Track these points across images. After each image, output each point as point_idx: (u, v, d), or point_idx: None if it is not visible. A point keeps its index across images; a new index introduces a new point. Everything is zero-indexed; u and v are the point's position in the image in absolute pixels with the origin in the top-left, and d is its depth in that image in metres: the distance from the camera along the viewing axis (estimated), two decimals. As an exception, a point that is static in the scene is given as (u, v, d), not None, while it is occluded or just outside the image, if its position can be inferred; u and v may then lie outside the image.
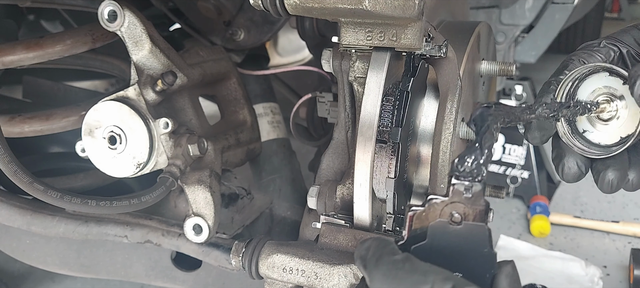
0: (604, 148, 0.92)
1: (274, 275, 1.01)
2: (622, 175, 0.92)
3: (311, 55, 1.57)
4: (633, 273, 2.16)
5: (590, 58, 0.94)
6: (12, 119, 1.32)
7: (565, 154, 0.96)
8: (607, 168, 0.91)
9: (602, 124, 0.92)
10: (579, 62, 0.94)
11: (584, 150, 0.94)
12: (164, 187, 1.15)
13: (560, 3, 2.42)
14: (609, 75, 0.89)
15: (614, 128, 0.91)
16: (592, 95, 0.92)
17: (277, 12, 0.92)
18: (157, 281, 1.37)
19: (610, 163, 0.92)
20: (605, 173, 0.91)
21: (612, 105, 0.90)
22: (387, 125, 0.93)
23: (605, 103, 0.90)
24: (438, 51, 0.95)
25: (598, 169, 0.93)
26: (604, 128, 0.92)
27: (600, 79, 0.91)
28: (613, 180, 0.91)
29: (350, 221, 1.01)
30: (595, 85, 0.91)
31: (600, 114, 0.91)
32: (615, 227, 2.58)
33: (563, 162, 0.96)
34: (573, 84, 0.93)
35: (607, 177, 0.91)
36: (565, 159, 0.95)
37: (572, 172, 0.95)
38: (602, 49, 0.94)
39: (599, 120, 0.92)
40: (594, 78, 0.91)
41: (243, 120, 1.44)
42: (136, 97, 1.13)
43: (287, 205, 1.50)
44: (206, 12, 1.54)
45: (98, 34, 1.24)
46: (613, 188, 0.92)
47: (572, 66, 0.94)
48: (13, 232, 1.40)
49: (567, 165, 0.95)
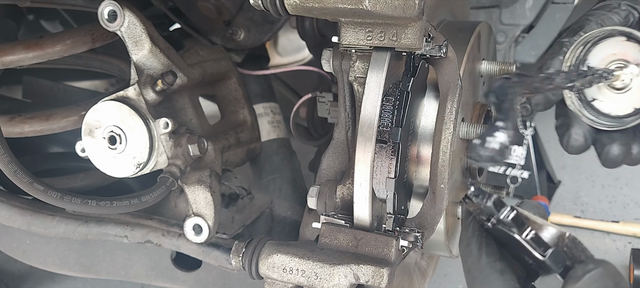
0: (614, 119, 0.85)
1: (274, 275, 1.01)
2: (627, 150, 0.86)
3: (311, 55, 1.57)
4: (633, 273, 2.16)
5: (608, 19, 0.87)
6: (12, 119, 1.31)
7: (572, 124, 0.89)
8: (613, 142, 0.86)
9: (613, 92, 0.85)
10: (596, 23, 0.87)
11: (592, 121, 0.87)
12: (164, 187, 1.15)
13: (560, 3, 2.41)
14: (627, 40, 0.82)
15: (626, 97, 0.84)
16: (603, 61, 0.85)
17: (277, 12, 0.92)
18: (157, 281, 1.37)
19: (617, 137, 0.86)
20: (610, 148, 0.86)
21: (625, 73, 0.83)
22: (387, 125, 0.93)
23: (619, 70, 0.83)
24: (438, 51, 0.95)
25: (603, 142, 0.87)
26: (615, 97, 0.85)
27: (615, 43, 0.84)
28: (618, 156, 0.86)
29: (350, 221, 1.01)
30: (609, 50, 0.84)
31: (613, 82, 0.84)
32: (615, 227, 2.57)
33: (570, 132, 0.89)
34: (585, 47, 0.86)
35: (612, 151, 0.85)
36: (572, 129, 0.89)
37: (577, 143, 0.89)
38: (622, 10, 0.87)
39: (610, 89, 0.85)
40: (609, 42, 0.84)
41: (243, 120, 1.44)
42: (136, 97, 1.13)
43: (287, 205, 1.50)
44: (206, 11, 1.54)
45: (98, 34, 1.24)
46: (616, 163, 0.87)
47: (588, 27, 0.87)
48: (13, 232, 1.40)
49: (574, 136, 0.88)
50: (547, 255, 0.81)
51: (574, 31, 0.89)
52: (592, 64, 0.85)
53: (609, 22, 0.87)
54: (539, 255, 0.82)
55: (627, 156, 0.86)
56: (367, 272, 0.93)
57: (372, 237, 0.98)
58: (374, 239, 0.97)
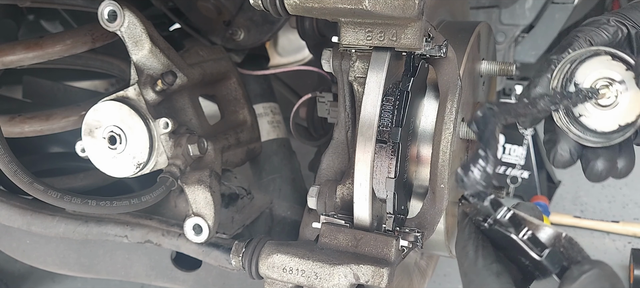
0: (600, 135, 0.87)
1: (274, 275, 1.01)
2: (612, 165, 0.88)
3: (311, 55, 1.57)
4: (633, 273, 2.16)
5: (596, 36, 0.88)
6: (12, 119, 1.31)
7: (559, 139, 0.91)
8: (597, 158, 0.88)
9: (599, 109, 0.86)
10: (585, 40, 0.88)
11: (579, 137, 0.88)
12: (164, 187, 1.15)
13: (560, 3, 2.42)
14: (612, 59, 0.84)
15: (612, 114, 0.86)
16: (590, 78, 0.86)
17: (277, 12, 0.92)
18: (157, 281, 1.37)
19: (601, 153, 0.88)
20: (594, 163, 0.88)
21: (611, 91, 0.85)
22: (387, 125, 0.93)
23: (605, 88, 0.85)
24: (438, 51, 0.95)
25: (588, 158, 0.89)
26: (601, 114, 0.86)
27: (601, 62, 0.85)
28: (602, 171, 0.88)
29: (350, 221, 1.01)
30: (595, 68, 0.86)
31: (599, 100, 0.86)
32: (615, 227, 2.57)
33: (556, 147, 0.91)
34: (572, 65, 0.87)
35: (596, 167, 0.88)
36: (559, 145, 0.91)
37: (563, 159, 0.91)
38: (610, 27, 0.89)
39: (597, 106, 0.87)
40: (595, 60, 0.86)
41: (243, 120, 1.44)
42: (136, 97, 1.13)
43: (287, 205, 1.50)
44: (206, 12, 1.54)
45: (98, 34, 1.24)
46: (601, 178, 0.89)
47: (576, 44, 0.88)
48: (13, 232, 1.40)
49: (560, 152, 0.91)
50: (544, 255, 0.81)
51: (563, 48, 0.90)
52: (579, 81, 0.87)
53: (597, 38, 0.88)
54: (536, 255, 0.82)
55: (611, 171, 0.89)
56: (367, 272, 0.93)
57: (372, 237, 0.98)
58: (373, 239, 0.97)
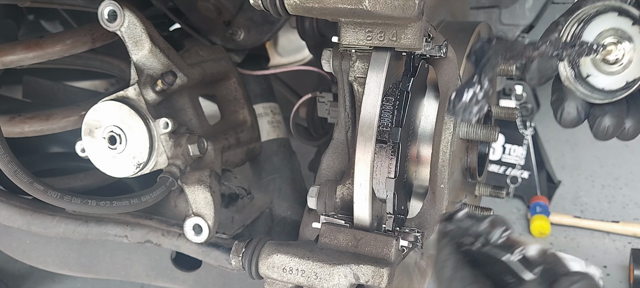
0: (608, 94, 0.87)
1: (274, 275, 1.01)
2: (619, 123, 0.88)
3: (311, 55, 1.57)
4: (633, 273, 2.16)
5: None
6: (12, 119, 1.31)
7: (566, 98, 0.91)
8: (605, 114, 0.88)
9: (607, 67, 0.86)
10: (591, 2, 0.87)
11: (586, 95, 0.88)
12: (164, 187, 1.15)
13: (560, 3, 2.42)
14: (619, 15, 0.83)
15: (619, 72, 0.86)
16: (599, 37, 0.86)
17: (277, 12, 0.92)
18: (157, 281, 1.37)
19: (608, 110, 0.88)
20: (601, 119, 0.88)
21: (619, 48, 0.85)
22: (387, 125, 0.93)
23: (612, 45, 0.85)
24: (438, 51, 0.95)
25: (595, 115, 0.89)
26: (609, 72, 0.87)
27: (608, 19, 0.85)
28: (609, 127, 0.88)
29: (350, 221, 1.01)
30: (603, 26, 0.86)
31: (606, 57, 0.86)
32: (615, 227, 2.57)
33: (563, 106, 0.91)
34: (580, 25, 0.87)
35: (603, 123, 0.88)
36: (566, 103, 0.91)
37: (570, 116, 0.91)
38: None
39: (604, 63, 0.87)
40: (603, 18, 0.85)
41: (243, 120, 1.44)
42: (136, 97, 1.13)
43: (287, 205, 1.50)
44: (206, 12, 1.54)
45: (98, 34, 1.24)
46: (607, 135, 0.89)
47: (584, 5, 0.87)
48: (13, 232, 1.40)
49: (567, 110, 0.91)
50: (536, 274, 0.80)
51: (571, 11, 0.90)
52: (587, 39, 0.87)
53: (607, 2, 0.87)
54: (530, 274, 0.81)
55: (618, 129, 0.88)
56: (367, 272, 0.93)
57: (372, 237, 0.98)
58: (373, 239, 0.97)
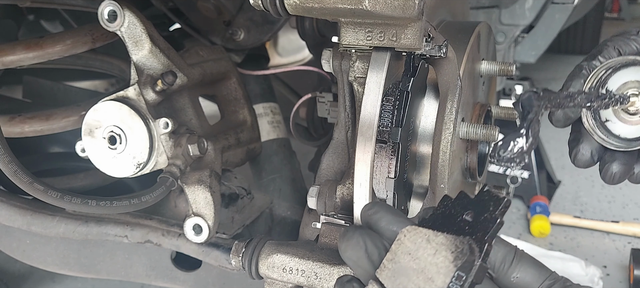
0: (623, 141, 0.92)
1: (274, 275, 1.01)
2: (627, 169, 0.92)
3: (311, 55, 1.57)
4: (633, 273, 2.16)
5: (626, 46, 0.93)
6: (12, 119, 1.31)
7: (583, 140, 0.95)
8: (614, 160, 0.92)
9: (626, 116, 0.92)
10: (614, 49, 0.93)
11: (603, 140, 0.93)
12: (164, 187, 1.15)
13: (560, 3, 2.42)
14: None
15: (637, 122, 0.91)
16: (623, 87, 0.91)
17: (277, 12, 0.92)
18: (157, 281, 1.37)
19: (618, 157, 0.92)
20: (610, 166, 0.92)
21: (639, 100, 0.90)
22: (387, 125, 0.93)
23: (635, 97, 0.90)
24: (438, 51, 0.95)
25: (605, 160, 0.93)
26: (627, 121, 0.92)
27: (633, 72, 0.90)
28: (616, 174, 0.92)
29: (350, 221, 1.01)
30: (627, 78, 0.91)
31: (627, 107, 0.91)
32: (615, 227, 2.58)
33: (578, 147, 0.95)
34: (606, 72, 0.92)
35: (611, 169, 0.92)
36: (581, 145, 0.95)
37: (584, 158, 0.95)
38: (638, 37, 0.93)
39: (623, 113, 0.92)
40: (629, 70, 0.91)
41: (243, 120, 1.44)
42: (136, 97, 1.13)
43: (287, 205, 1.50)
44: (206, 12, 1.54)
45: (98, 34, 1.24)
46: (615, 180, 0.92)
47: (606, 52, 0.93)
48: (13, 232, 1.40)
49: (582, 152, 0.95)
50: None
51: (593, 56, 0.94)
52: (611, 88, 0.92)
53: (626, 48, 0.93)
54: None
55: (626, 175, 0.93)
56: (367, 272, 0.93)
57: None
58: (373, 239, 0.97)
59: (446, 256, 0.68)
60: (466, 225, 0.73)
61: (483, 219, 0.73)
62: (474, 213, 0.75)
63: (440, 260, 0.68)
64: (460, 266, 0.67)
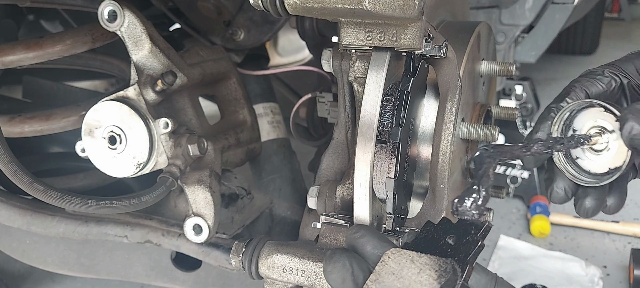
0: (593, 176, 0.97)
1: (274, 275, 1.01)
2: (599, 203, 0.97)
3: (311, 55, 1.57)
4: (633, 273, 2.16)
5: (592, 86, 0.98)
6: (12, 119, 1.31)
7: (555, 178, 1.00)
8: (586, 196, 0.97)
9: (593, 153, 0.96)
10: (581, 90, 0.98)
11: (574, 176, 0.98)
12: (164, 187, 1.15)
13: (560, 3, 2.42)
14: (604, 110, 0.93)
15: (604, 158, 0.96)
16: (587, 125, 0.96)
17: (277, 12, 0.92)
18: (157, 281, 1.37)
19: (590, 192, 0.97)
20: (583, 201, 0.97)
21: (603, 138, 0.94)
22: (387, 125, 0.93)
23: (598, 135, 0.95)
24: (438, 51, 0.95)
25: (578, 196, 0.99)
26: (595, 157, 0.96)
27: (595, 112, 0.95)
28: (589, 208, 0.97)
29: (350, 221, 1.01)
30: (590, 118, 0.96)
31: (592, 146, 0.96)
32: (615, 227, 2.57)
33: (553, 186, 1.00)
34: (570, 114, 0.97)
35: (584, 204, 0.97)
36: (555, 183, 1.00)
37: (559, 196, 1.00)
38: (604, 77, 0.98)
39: (591, 150, 0.96)
40: (591, 111, 0.96)
41: (243, 120, 1.44)
42: (136, 97, 1.13)
43: (287, 205, 1.50)
44: (206, 12, 1.54)
45: (98, 34, 1.24)
46: (589, 214, 0.98)
47: (573, 94, 0.98)
48: (13, 232, 1.40)
49: (556, 190, 1.00)
50: None
51: (561, 97, 1.00)
52: (577, 128, 0.98)
53: (593, 88, 0.98)
54: None
55: (599, 208, 0.98)
56: (367, 272, 0.93)
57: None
58: (373, 239, 0.97)
59: (430, 274, 0.72)
60: (448, 248, 0.78)
61: (465, 242, 0.78)
62: (456, 237, 0.80)
63: (424, 279, 0.72)
64: (444, 284, 0.71)
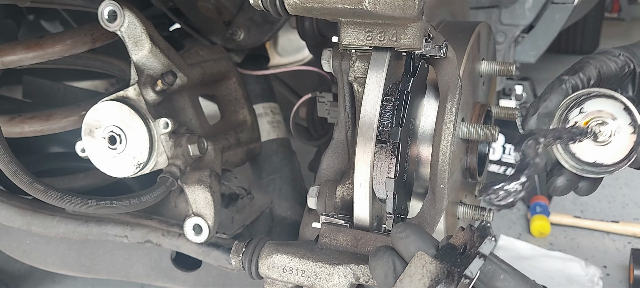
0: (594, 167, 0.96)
1: (274, 275, 1.01)
2: (572, 184, 0.98)
3: (311, 55, 1.57)
4: (633, 273, 2.16)
5: (605, 66, 0.96)
6: (12, 119, 1.32)
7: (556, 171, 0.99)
8: (560, 175, 0.97)
9: (596, 144, 0.95)
10: (595, 67, 0.96)
11: (574, 166, 0.97)
12: (164, 187, 1.15)
13: (560, 3, 2.42)
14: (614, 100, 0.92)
15: (605, 150, 0.95)
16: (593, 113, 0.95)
17: (277, 12, 0.92)
18: (157, 281, 1.37)
19: (564, 172, 0.97)
20: (555, 180, 0.97)
21: (606, 129, 0.93)
22: (387, 125, 0.93)
23: (602, 126, 0.94)
24: (438, 51, 0.95)
25: (551, 174, 0.99)
26: (596, 148, 0.96)
27: (605, 102, 0.93)
28: (561, 187, 0.98)
29: (350, 221, 1.01)
30: (599, 106, 0.94)
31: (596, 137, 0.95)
32: (615, 227, 2.58)
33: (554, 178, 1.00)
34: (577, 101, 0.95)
35: (556, 183, 0.97)
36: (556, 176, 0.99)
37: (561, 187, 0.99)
38: (619, 60, 0.96)
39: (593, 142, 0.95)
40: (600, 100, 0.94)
41: (243, 120, 1.44)
42: (136, 97, 1.13)
43: (287, 205, 1.50)
44: (206, 12, 1.54)
45: (98, 34, 1.24)
46: (558, 193, 0.98)
47: (587, 69, 0.96)
48: (13, 232, 1.40)
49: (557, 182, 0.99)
50: None
51: (574, 70, 0.97)
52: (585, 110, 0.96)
53: (606, 68, 0.96)
54: None
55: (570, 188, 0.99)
56: (366, 272, 0.93)
57: (372, 237, 0.98)
58: (373, 239, 0.97)
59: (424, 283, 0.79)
60: (458, 258, 0.82)
61: (469, 253, 0.81)
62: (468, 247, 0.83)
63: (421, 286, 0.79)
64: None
